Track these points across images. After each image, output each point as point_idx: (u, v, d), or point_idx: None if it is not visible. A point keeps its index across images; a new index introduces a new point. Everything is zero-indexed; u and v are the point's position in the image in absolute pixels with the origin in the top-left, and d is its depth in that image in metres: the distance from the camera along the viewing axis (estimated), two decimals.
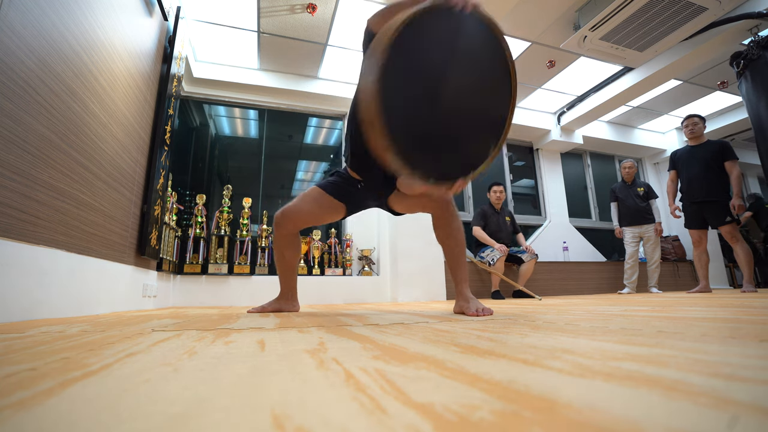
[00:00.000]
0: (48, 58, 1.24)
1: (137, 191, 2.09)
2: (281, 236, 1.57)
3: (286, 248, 1.59)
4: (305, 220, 1.56)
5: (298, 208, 1.54)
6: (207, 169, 3.59)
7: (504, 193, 3.77)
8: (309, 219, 1.56)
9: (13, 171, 1.08)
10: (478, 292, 3.67)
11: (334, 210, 1.56)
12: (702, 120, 3.33)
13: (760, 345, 0.47)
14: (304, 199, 1.55)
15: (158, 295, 2.44)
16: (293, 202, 1.56)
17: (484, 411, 0.23)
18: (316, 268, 3.38)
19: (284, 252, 1.60)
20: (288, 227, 1.55)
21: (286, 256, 1.61)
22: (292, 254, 1.62)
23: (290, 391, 0.30)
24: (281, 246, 1.59)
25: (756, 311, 1.02)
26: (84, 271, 1.47)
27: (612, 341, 0.53)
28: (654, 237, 3.87)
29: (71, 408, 0.26)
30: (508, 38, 1.20)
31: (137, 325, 0.96)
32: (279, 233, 1.56)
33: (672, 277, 4.76)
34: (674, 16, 2.83)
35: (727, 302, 1.56)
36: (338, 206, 1.56)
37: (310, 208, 1.54)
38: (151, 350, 0.52)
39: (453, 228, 1.38)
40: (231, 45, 3.32)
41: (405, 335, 0.67)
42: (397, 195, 1.48)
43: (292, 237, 1.59)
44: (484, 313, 1.16)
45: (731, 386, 0.28)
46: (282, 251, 1.60)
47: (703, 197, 3.20)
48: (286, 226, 1.55)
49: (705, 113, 4.82)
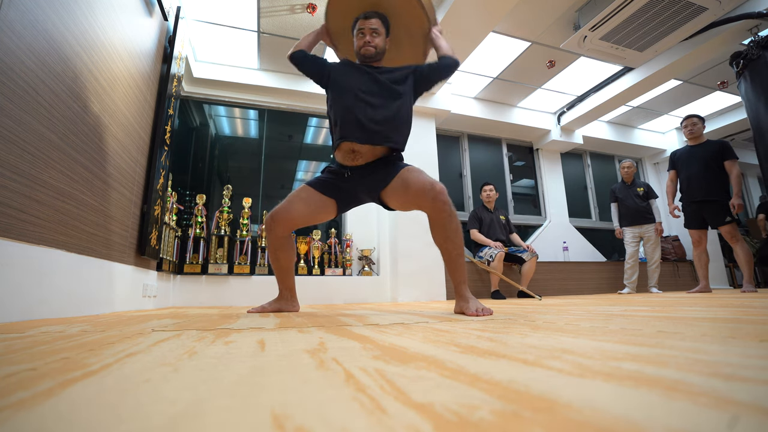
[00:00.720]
0: (48, 58, 1.24)
1: (137, 191, 2.09)
2: (272, 239, 1.55)
3: (279, 250, 1.58)
4: (295, 222, 1.54)
5: (286, 209, 1.53)
6: (207, 169, 3.59)
7: (495, 192, 3.80)
8: (299, 220, 1.54)
9: (13, 171, 1.08)
10: (478, 292, 3.67)
11: (323, 208, 1.55)
12: (701, 120, 3.33)
13: (760, 345, 0.47)
14: (292, 200, 1.54)
15: (158, 295, 2.44)
16: (281, 204, 1.55)
17: (484, 411, 0.23)
18: (316, 268, 3.38)
19: (277, 254, 1.58)
20: (277, 230, 1.53)
21: (280, 258, 1.59)
22: (285, 256, 1.60)
23: (290, 391, 0.30)
24: (274, 248, 1.57)
25: (756, 311, 1.02)
26: (84, 271, 1.47)
27: (612, 341, 0.53)
28: (654, 237, 3.87)
29: (71, 408, 0.26)
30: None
31: (137, 325, 0.96)
32: (270, 236, 1.55)
33: (672, 277, 4.76)
34: (674, 16, 2.83)
35: (727, 302, 1.56)
36: (328, 203, 1.55)
37: (298, 209, 1.52)
38: (151, 350, 0.52)
39: (450, 230, 1.33)
40: (231, 45, 3.32)
41: (405, 335, 0.67)
42: (390, 190, 1.44)
43: (284, 239, 1.57)
44: (483, 313, 1.16)
45: (731, 386, 0.28)
46: (275, 254, 1.58)
47: (702, 197, 3.20)
48: (276, 229, 1.53)
49: (705, 113, 4.82)
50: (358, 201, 1.60)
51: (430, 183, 1.33)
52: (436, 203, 1.31)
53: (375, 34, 1.56)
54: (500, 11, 2.68)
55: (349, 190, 1.54)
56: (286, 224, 1.53)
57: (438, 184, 1.33)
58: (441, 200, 1.31)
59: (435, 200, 1.31)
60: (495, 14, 2.71)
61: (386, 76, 1.53)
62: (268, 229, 1.54)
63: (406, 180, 1.39)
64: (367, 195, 1.54)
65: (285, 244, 1.58)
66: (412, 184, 1.37)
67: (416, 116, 3.81)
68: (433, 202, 1.31)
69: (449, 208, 1.32)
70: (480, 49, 3.44)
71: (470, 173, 4.56)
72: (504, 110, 4.50)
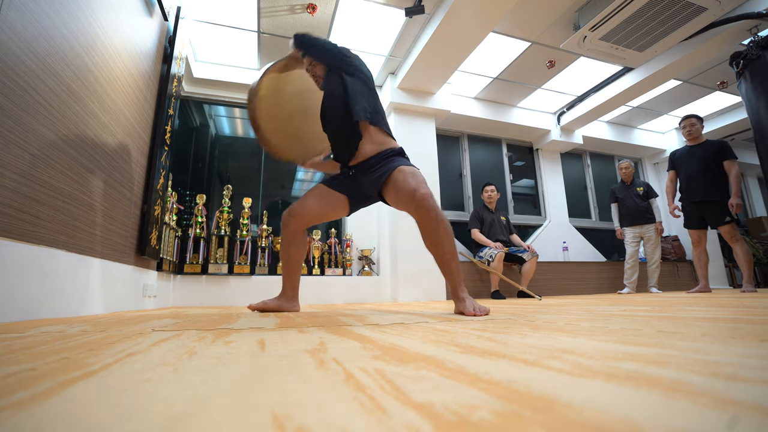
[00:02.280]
0: (48, 58, 1.24)
1: (137, 191, 2.09)
2: (287, 233, 1.63)
3: (291, 244, 1.65)
4: (310, 217, 1.62)
5: (302, 205, 1.62)
6: (207, 169, 3.59)
7: (497, 193, 3.80)
8: (313, 216, 1.62)
9: (13, 171, 1.08)
10: (478, 292, 3.67)
11: (336, 204, 1.63)
12: (699, 120, 3.33)
13: (760, 345, 0.47)
14: (307, 197, 1.64)
15: (158, 295, 2.43)
16: (299, 201, 1.64)
17: (484, 411, 0.23)
18: (316, 268, 3.38)
19: (289, 248, 1.65)
20: (293, 225, 1.62)
21: (291, 252, 1.65)
22: (297, 250, 1.66)
23: (290, 391, 0.30)
24: (287, 242, 1.65)
25: (756, 311, 1.02)
26: (84, 271, 1.47)
27: (612, 341, 0.53)
28: (654, 237, 3.87)
29: (71, 408, 0.26)
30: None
31: (137, 325, 0.96)
32: (286, 231, 1.63)
33: (672, 277, 4.76)
34: (674, 17, 2.83)
35: (727, 302, 1.56)
36: (340, 199, 1.62)
37: (313, 205, 1.62)
38: (151, 350, 0.52)
39: (438, 235, 1.31)
40: (231, 45, 3.32)
41: (405, 335, 0.67)
42: (385, 189, 1.46)
43: (299, 235, 1.65)
44: (480, 312, 1.16)
45: (731, 386, 0.28)
46: (287, 247, 1.65)
47: (701, 197, 3.20)
48: (291, 224, 1.62)
49: (705, 113, 4.82)
50: (368, 198, 1.63)
51: (413, 190, 1.32)
52: (420, 211, 1.31)
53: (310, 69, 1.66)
54: (500, 11, 2.68)
55: (355, 187, 1.59)
56: (302, 220, 1.62)
57: (421, 190, 1.31)
58: (424, 206, 1.30)
59: (418, 207, 1.31)
60: (495, 14, 2.71)
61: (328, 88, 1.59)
62: (284, 225, 1.63)
63: (395, 182, 1.40)
64: (372, 191, 1.56)
65: (299, 240, 1.66)
66: (399, 187, 1.38)
67: (416, 116, 3.81)
68: (417, 210, 1.32)
69: (434, 213, 1.30)
70: (480, 49, 3.44)
71: (470, 173, 4.56)
72: (504, 110, 4.50)
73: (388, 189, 1.45)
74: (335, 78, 1.58)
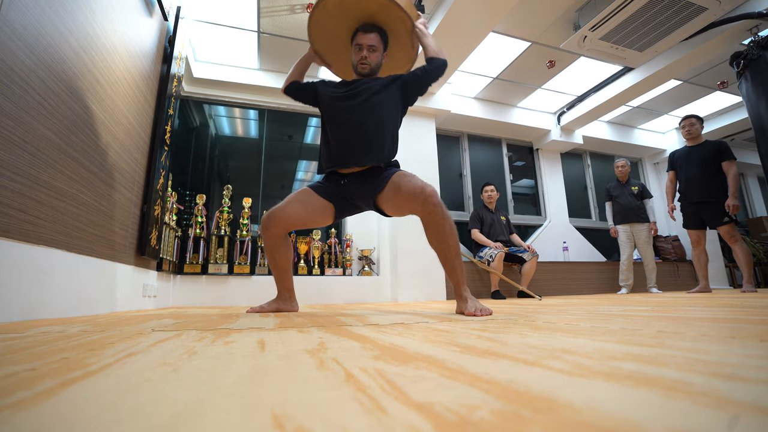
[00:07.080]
0: (48, 58, 1.24)
1: (137, 191, 2.09)
2: (268, 238, 1.55)
3: (274, 250, 1.57)
4: (291, 223, 1.54)
5: (283, 209, 1.53)
6: (207, 169, 3.59)
7: (496, 193, 3.80)
8: (295, 221, 1.54)
9: (13, 171, 1.08)
10: (478, 292, 3.67)
11: (321, 212, 1.56)
12: (699, 120, 3.33)
13: (760, 345, 0.47)
14: (291, 201, 1.55)
15: (158, 295, 2.43)
16: (280, 204, 1.56)
17: (484, 411, 0.23)
18: (316, 268, 3.38)
19: (273, 254, 1.58)
20: (273, 229, 1.53)
21: (277, 258, 1.59)
22: (282, 256, 1.60)
23: (290, 391, 0.30)
24: (270, 248, 1.57)
25: (756, 311, 1.02)
26: (84, 271, 1.47)
27: (612, 341, 0.53)
28: (645, 235, 3.89)
29: (71, 408, 0.26)
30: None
31: (137, 325, 0.96)
32: (265, 235, 1.55)
33: (672, 277, 4.76)
34: (674, 16, 2.83)
35: (727, 302, 1.56)
36: (326, 207, 1.56)
37: (295, 210, 1.53)
38: (151, 350, 0.52)
39: (444, 232, 1.32)
40: (231, 45, 3.32)
41: (405, 335, 0.67)
42: (384, 196, 1.44)
43: (280, 239, 1.57)
44: (482, 313, 1.16)
45: (731, 386, 0.28)
46: (272, 254, 1.58)
47: (700, 198, 3.20)
48: (271, 228, 1.53)
49: (705, 113, 4.82)
50: (355, 208, 1.61)
51: (420, 187, 1.33)
52: (426, 206, 1.31)
53: (372, 50, 1.58)
54: (500, 11, 2.68)
55: (345, 196, 1.55)
56: (282, 224, 1.53)
57: (428, 187, 1.33)
58: (431, 203, 1.31)
59: (425, 203, 1.31)
60: (495, 14, 2.71)
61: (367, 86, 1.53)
62: (264, 228, 1.55)
63: (398, 185, 1.40)
64: (362, 202, 1.55)
65: (281, 244, 1.58)
66: (403, 188, 1.38)
67: (416, 116, 3.81)
68: (424, 206, 1.32)
69: (440, 210, 1.31)
70: (480, 49, 3.44)
71: (470, 173, 4.56)
72: (504, 110, 4.50)
73: (386, 195, 1.44)
74: (393, 95, 1.53)
